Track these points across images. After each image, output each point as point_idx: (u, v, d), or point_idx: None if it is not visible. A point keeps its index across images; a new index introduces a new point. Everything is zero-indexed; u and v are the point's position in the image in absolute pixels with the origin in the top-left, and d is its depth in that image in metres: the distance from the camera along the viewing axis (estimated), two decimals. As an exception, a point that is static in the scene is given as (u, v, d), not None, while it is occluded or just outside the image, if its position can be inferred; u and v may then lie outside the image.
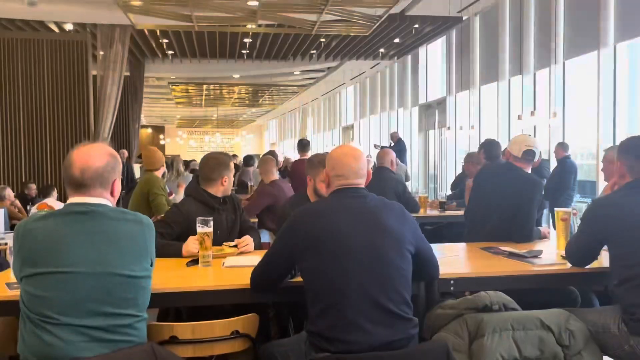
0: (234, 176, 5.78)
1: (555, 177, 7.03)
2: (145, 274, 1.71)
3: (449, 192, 6.82)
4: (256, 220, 4.42)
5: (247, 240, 2.68)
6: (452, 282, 2.15)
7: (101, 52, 9.84)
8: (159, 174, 4.42)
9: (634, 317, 1.96)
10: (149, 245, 1.74)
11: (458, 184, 7.11)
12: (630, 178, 2.13)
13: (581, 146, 8.37)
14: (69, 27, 10.09)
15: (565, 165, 6.98)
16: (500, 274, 2.21)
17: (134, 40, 11.04)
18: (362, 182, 1.94)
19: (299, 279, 1.98)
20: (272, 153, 7.26)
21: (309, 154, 6.70)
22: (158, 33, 10.75)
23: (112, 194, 1.76)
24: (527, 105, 8.63)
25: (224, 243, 2.64)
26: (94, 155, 1.72)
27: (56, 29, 10.10)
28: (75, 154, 1.72)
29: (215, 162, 2.83)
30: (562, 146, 6.99)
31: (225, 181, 2.81)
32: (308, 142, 6.77)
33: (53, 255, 1.62)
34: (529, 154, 2.99)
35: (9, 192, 6.48)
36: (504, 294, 2.00)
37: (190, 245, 2.53)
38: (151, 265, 1.76)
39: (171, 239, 2.69)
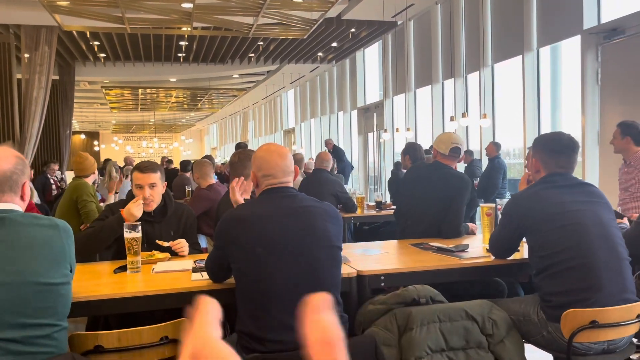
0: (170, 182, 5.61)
1: (485, 176, 7.34)
2: (64, 280, 1.64)
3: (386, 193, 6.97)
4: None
5: (182, 243, 2.59)
6: (382, 277, 2.20)
7: (26, 55, 9.36)
8: (89, 180, 4.26)
9: (550, 304, 2.08)
10: (67, 249, 1.67)
11: (392, 186, 7.31)
12: (544, 172, 2.25)
13: (511, 146, 8.78)
14: (-11, 28, 9.55)
15: (494, 165, 7.29)
16: (428, 269, 2.27)
17: (62, 43, 10.59)
18: (290, 180, 1.94)
19: (232, 280, 1.96)
20: (208, 157, 7.15)
21: (248, 157, 6.64)
22: (88, 35, 10.36)
23: (22, 198, 1.67)
24: (459, 108, 8.96)
25: (157, 240, 2.55)
26: (0, 158, 1.63)
27: (-25, 30, 9.53)
28: None
29: None
30: (495, 145, 7.29)
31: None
32: (246, 145, 6.73)
33: (-38, 266, 1.52)
34: (456, 150, 3.10)
35: None
36: (430, 287, 2.07)
37: (133, 207, 2.43)
38: (71, 271, 1.69)
39: None
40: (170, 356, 1.95)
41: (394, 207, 5.22)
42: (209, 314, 0.42)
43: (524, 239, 2.28)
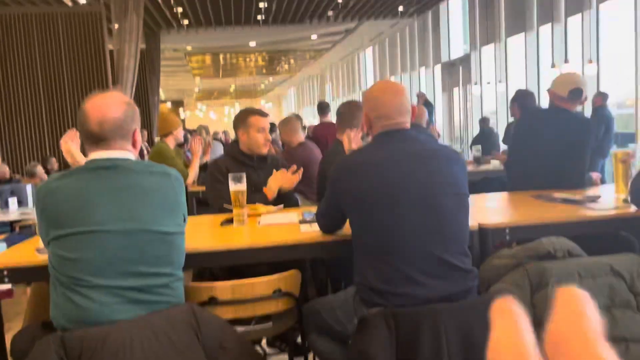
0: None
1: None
2: (178, 230, 1.59)
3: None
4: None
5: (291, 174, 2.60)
6: (507, 231, 1.98)
7: (116, 25, 9.68)
8: (169, 141, 4.13)
9: None
10: (179, 199, 1.61)
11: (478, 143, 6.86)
12: None
13: (619, 95, 7.97)
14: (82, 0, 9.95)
15: (596, 116, 6.58)
16: (560, 221, 2.03)
17: (148, 11, 10.84)
18: (407, 121, 1.74)
19: (345, 232, 1.84)
20: (295, 115, 7.06)
21: (329, 116, 6.43)
22: (172, 1, 10.53)
23: (134, 145, 1.62)
24: (558, 56, 8.23)
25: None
26: (111, 104, 1.57)
27: (69, 2, 9.96)
28: (90, 106, 1.57)
29: (235, 117, 2.81)
30: (601, 95, 6.61)
31: (243, 136, 2.69)
32: (327, 104, 6.48)
33: (80, 214, 1.49)
34: (576, 93, 2.75)
35: (40, 169, 6.45)
36: (567, 239, 1.83)
37: (271, 182, 2.53)
38: (184, 221, 1.63)
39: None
40: (283, 310, 1.88)
41: (494, 161, 4.90)
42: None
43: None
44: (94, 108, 1.57)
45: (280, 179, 2.58)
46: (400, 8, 12.57)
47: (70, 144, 2.11)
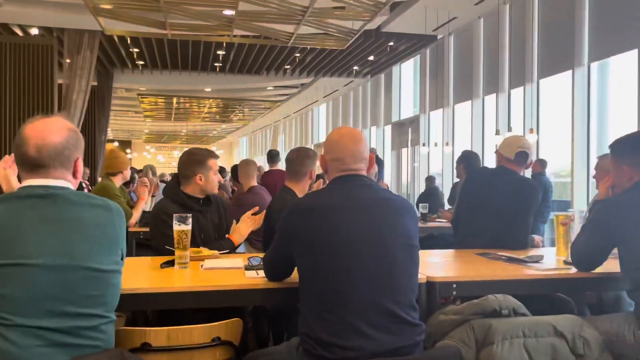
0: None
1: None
2: (115, 268, 1.48)
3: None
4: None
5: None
6: (454, 286, 1.98)
7: (67, 60, 9.48)
8: (115, 180, 4.01)
9: (650, 323, 1.83)
10: (119, 234, 1.50)
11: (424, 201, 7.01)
12: (638, 177, 2.02)
13: (555, 165, 8.43)
14: (34, 31, 9.72)
15: (535, 182, 6.82)
16: (506, 278, 2.05)
17: (103, 49, 10.72)
18: (363, 168, 1.74)
19: (292, 280, 1.78)
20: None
21: (279, 165, 6.48)
22: (128, 41, 10.47)
23: (74, 175, 1.51)
24: (502, 124, 8.68)
25: (220, 253, 2.39)
26: (52, 129, 1.46)
27: (20, 33, 9.71)
28: (29, 129, 1.46)
29: (187, 158, 2.61)
30: (539, 162, 6.95)
31: (200, 179, 2.56)
32: (277, 152, 6.55)
33: (5, 245, 1.36)
34: (522, 155, 2.87)
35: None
36: (513, 297, 1.84)
37: (242, 227, 2.48)
38: (122, 259, 1.52)
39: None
40: (221, 359, 1.77)
41: (440, 220, 4.98)
42: None
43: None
44: (34, 131, 1.46)
45: (252, 223, 2.54)
46: (356, 67, 13.03)
47: (9, 170, 1.97)
